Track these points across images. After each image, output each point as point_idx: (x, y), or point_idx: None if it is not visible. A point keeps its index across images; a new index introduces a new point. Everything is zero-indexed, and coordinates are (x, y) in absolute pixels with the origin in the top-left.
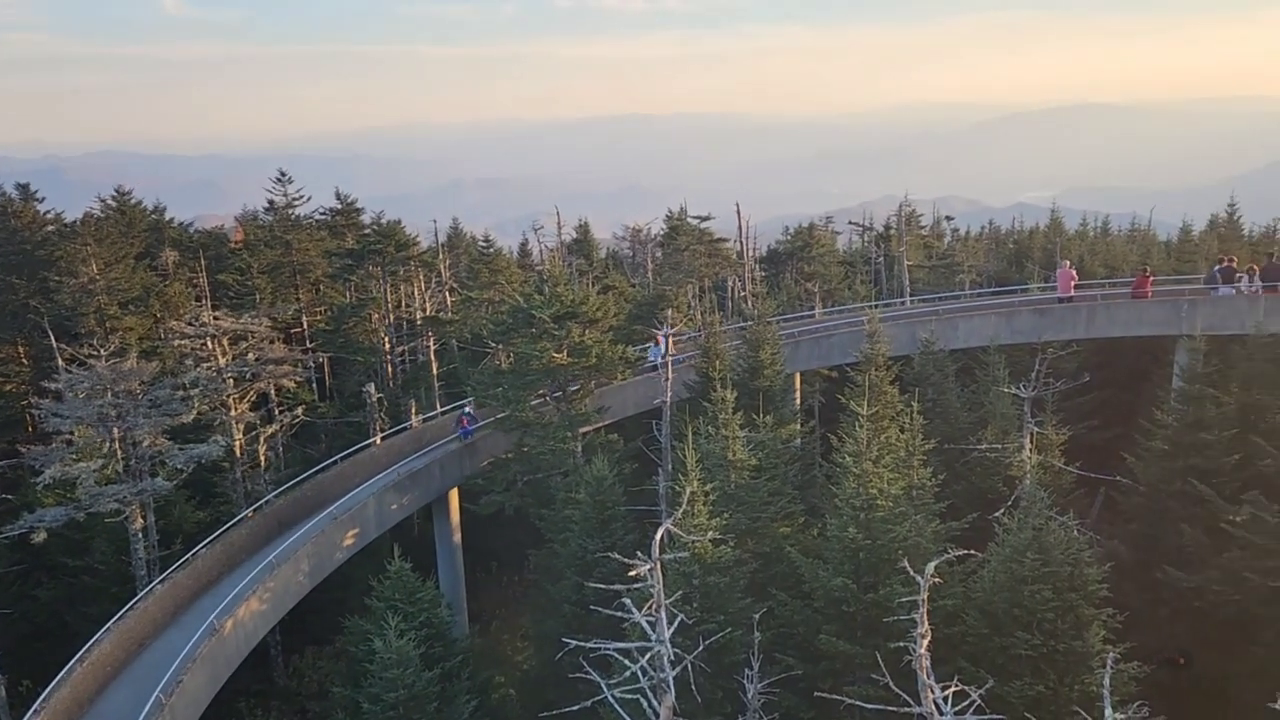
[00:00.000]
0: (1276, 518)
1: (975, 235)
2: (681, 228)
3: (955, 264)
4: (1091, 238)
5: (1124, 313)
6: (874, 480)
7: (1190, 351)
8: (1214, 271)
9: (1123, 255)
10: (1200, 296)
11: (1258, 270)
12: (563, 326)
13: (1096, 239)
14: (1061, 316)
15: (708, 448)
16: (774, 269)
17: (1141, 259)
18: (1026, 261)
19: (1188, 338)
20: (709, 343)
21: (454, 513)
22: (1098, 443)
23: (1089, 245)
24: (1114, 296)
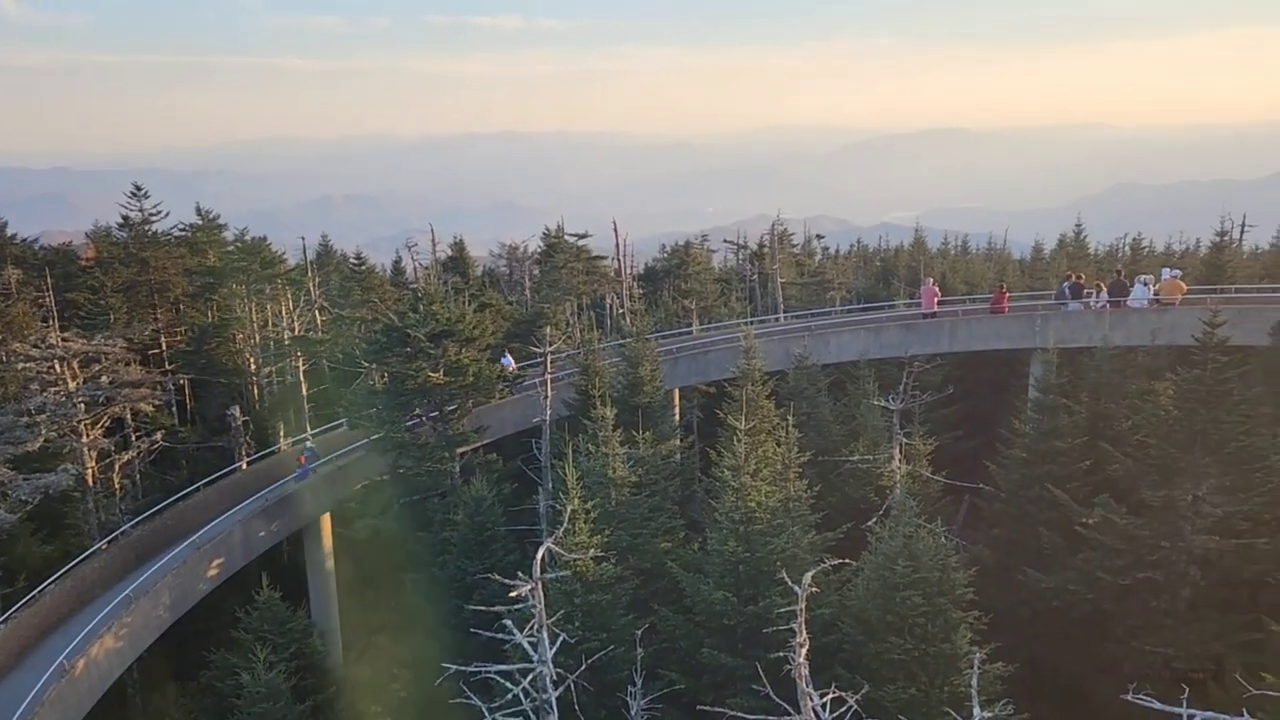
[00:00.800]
0: (1124, 519)
1: (844, 254)
2: (559, 245)
3: (826, 281)
4: (952, 256)
5: (983, 327)
6: (752, 493)
7: (1044, 363)
8: (1063, 288)
9: (981, 273)
10: (1052, 312)
11: (1103, 287)
12: (439, 345)
13: (957, 257)
14: (926, 331)
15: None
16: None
17: (998, 276)
18: (893, 279)
19: (1041, 350)
20: (588, 360)
21: (326, 538)
22: (962, 452)
23: (950, 263)
24: (974, 312)
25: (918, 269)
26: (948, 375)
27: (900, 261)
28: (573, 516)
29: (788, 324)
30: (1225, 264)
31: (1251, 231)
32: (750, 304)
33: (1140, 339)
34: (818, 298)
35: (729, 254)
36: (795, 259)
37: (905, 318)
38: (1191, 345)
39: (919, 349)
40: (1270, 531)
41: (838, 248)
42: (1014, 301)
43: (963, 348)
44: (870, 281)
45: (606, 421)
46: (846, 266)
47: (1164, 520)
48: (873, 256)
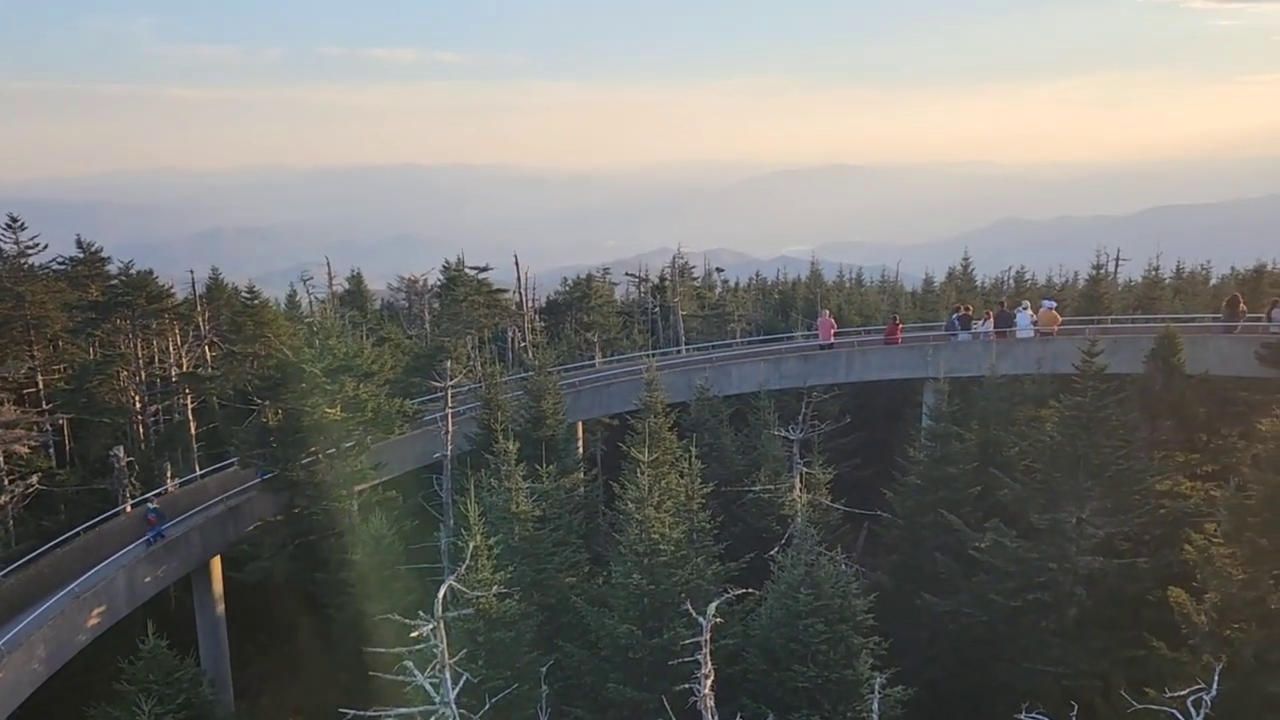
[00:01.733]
0: (1014, 542)
1: (744, 286)
2: (459, 279)
3: (726, 314)
4: (848, 289)
5: (878, 358)
6: (656, 525)
7: (936, 393)
8: (952, 319)
9: (875, 305)
10: (943, 342)
11: (990, 317)
12: (336, 380)
13: (852, 290)
14: (824, 362)
15: (491, 500)
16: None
17: (892, 308)
18: (791, 311)
19: (934, 380)
20: (490, 394)
21: (216, 582)
22: (860, 480)
23: (846, 296)
24: (869, 343)
25: (815, 301)
26: (845, 405)
27: (798, 294)
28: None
29: (690, 356)
30: (1101, 296)
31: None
32: (652, 336)
33: (1026, 368)
34: (719, 330)
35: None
36: (696, 292)
37: (803, 349)
38: (1073, 374)
39: (817, 379)
40: (1149, 551)
41: (737, 280)
42: (907, 332)
43: (859, 378)
44: (769, 314)
45: (509, 455)
46: (746, 299)
47: (1051, 542)
48: (771, 289)
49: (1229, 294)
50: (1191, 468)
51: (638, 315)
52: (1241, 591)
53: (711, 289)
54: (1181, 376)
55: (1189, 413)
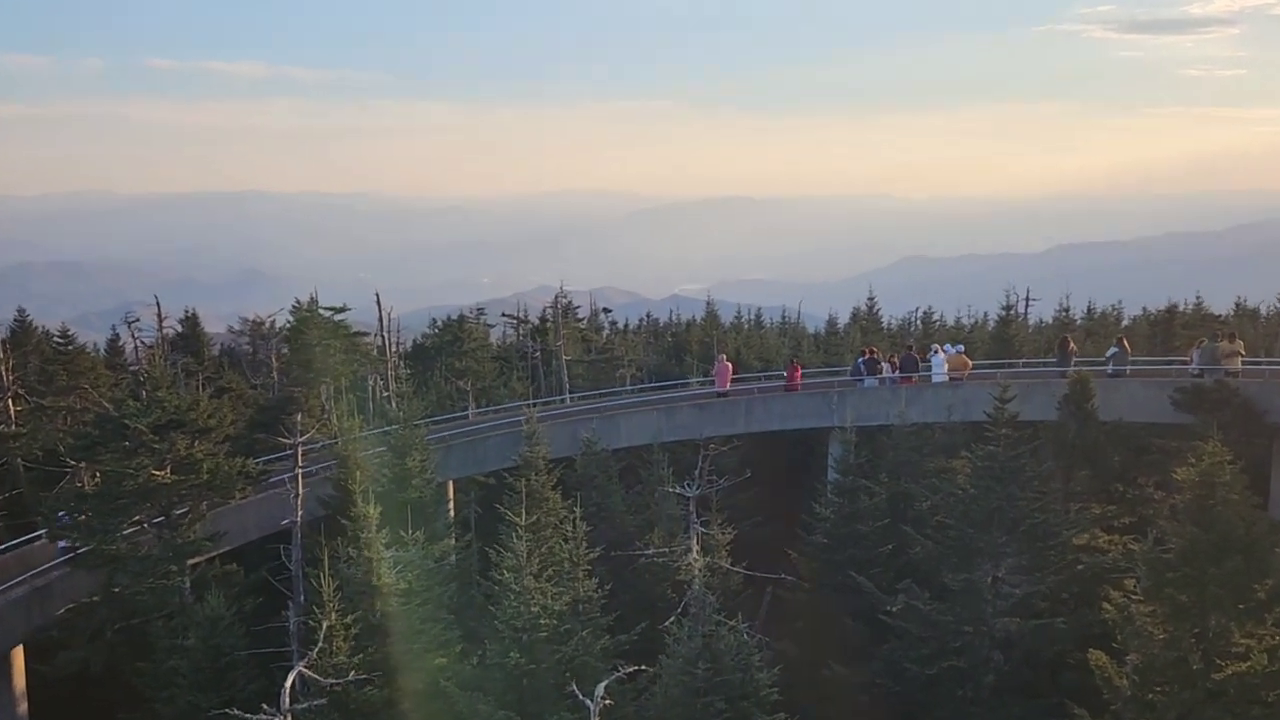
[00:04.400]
0: (928, 605)
1: (634, 328)
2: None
3: (615, 358)
4: (746, 331)
5: (779, 405)
6: (536, 596)
7: (842, 443)
8: (858, 363)
9: (776, 348)
10: (848, 389)
11: (895, 361)
12: (165, 438)
13: (751, 332)
14: (721, 411)
15: (348, 573)
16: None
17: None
18: (685, 355)
19: (839, 429)
20: (347, 451)
21: (18, 676)
22: (763, 540)
23: (744, 338)
24: (771, 389)
25: (711, 345)
26: (746, 458)
27: (693, 337)
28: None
29: (575, 405)
30: (1012, 338)
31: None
32: (533, 384)
33: (936, 415)
34: (607, 376)
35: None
36: (581, 334)
37: (699, 397)
38: (984, 421)
39: (714, 430)
40: (1068, 610)
41: (627, 322)
42: (810, 378)
43: (760, 428)
44: (662, 358)
45: (369, 521)
46: (637, 342)
47: (966, 604)
48: (664, 331)
49: (1060, 336)
50: (1108, 520)
51: (516, 361)
52: (1163, 652)
53: (598, 331)
54: (1096, 423)
55: (1104, 461)
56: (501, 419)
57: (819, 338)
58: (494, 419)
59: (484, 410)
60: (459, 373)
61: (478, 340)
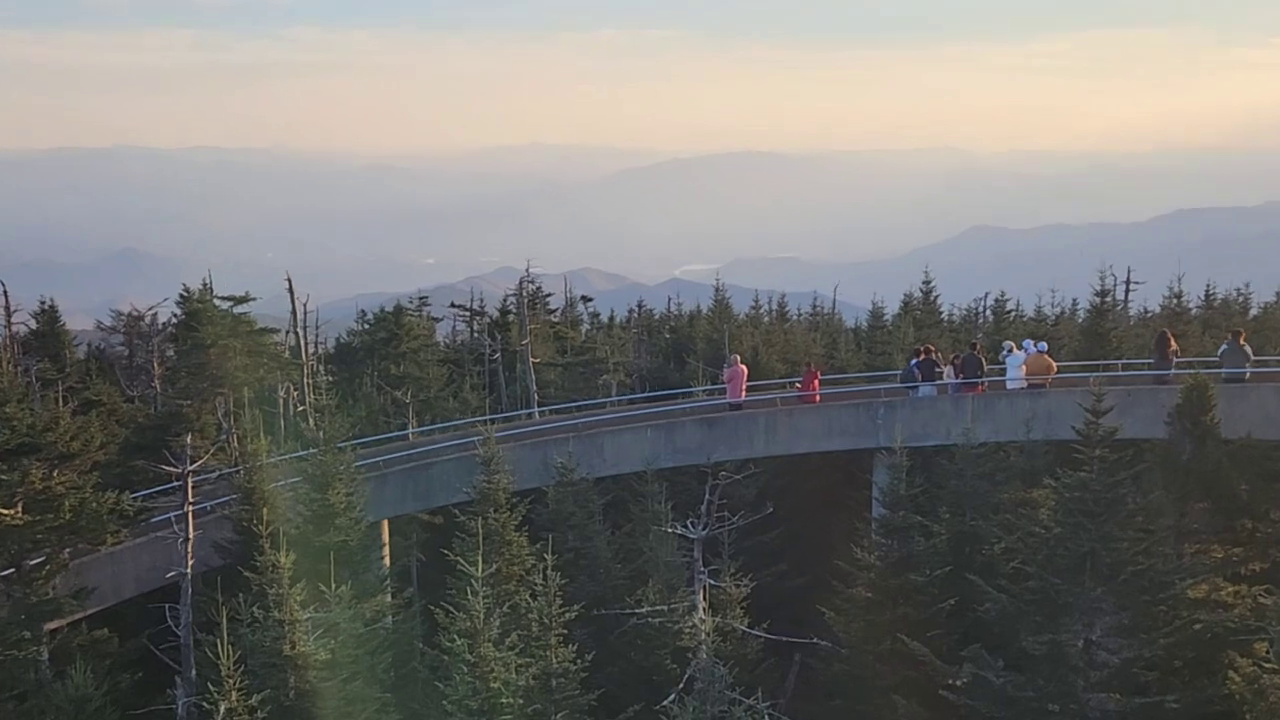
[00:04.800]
0: (1001, 677)
1: (622, 322)
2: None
3: (598, 361)
4: (766, 325)
5: (810, 421)
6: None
7: (890, 469)
8: (911, 366)
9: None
10: (898, 398)
11: (959, 363)
12: (15, 466)
13: (773, 326)
14: (735, 429)
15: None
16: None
17: (827, 351)
18: (689, 357)
19: (886, 451)
20: (253, 483)
21: None
22: (789, 593)
23: (764, 335)
24: (797, 400)
25: (721, 343)
26: (766, 489)
27: (698, 332)
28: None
29: (546, 422)
30: (1109, 332)
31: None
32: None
33: (1011, 432)
34: (587, 384)
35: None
36: (554, 330)
37: (706, 410)
38: (1073, 440)
39: (726, 453)
40: (1181, 682)
41: (613, 314)
42: (847, 385)
43: (784, 450)
44: (659, 361)
45: (282, 572)
46: (625, 340)
47: (1050, 675)
48: (660, 326)
49: (1158, 330)
50: (1233, 566)
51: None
52: None
53: (576, 326)
54: (1217, 442)
55: (1228, 491)
56: (451, 440)
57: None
58: (441, 440)
59: (429, 429)
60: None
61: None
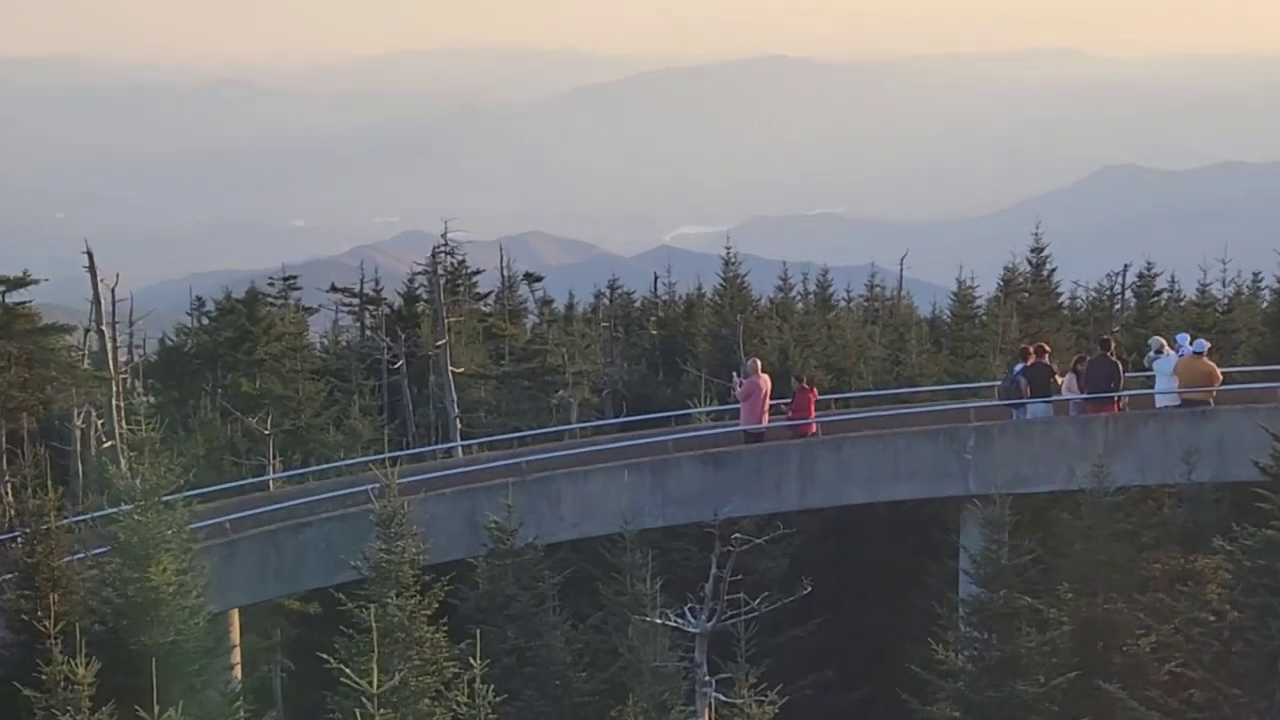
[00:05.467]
0: None
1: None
2: None
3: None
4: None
5: (867, 456)
6: None
7: (987, 528)
8: (1014, 375)
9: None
10: (996, 421)
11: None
12: None
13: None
14: (755, 469)
15: None
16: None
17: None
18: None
19: (979, 502)
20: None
21: None
22: (838, 714)
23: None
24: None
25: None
26: (802, 558)
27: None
28: None
29: (474, 461)
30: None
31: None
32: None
33: (1164, 472)
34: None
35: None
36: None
37: (712, 441)
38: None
39: (743, 505)
40: None
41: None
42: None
43: (828, 501)
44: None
45: (79, 690)
46: (592, 339)
47: None
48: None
49: None
50: None
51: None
52: None
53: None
54: None
55: None
56: (332, 490)
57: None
58: (318, 490)
59: (299, 473)
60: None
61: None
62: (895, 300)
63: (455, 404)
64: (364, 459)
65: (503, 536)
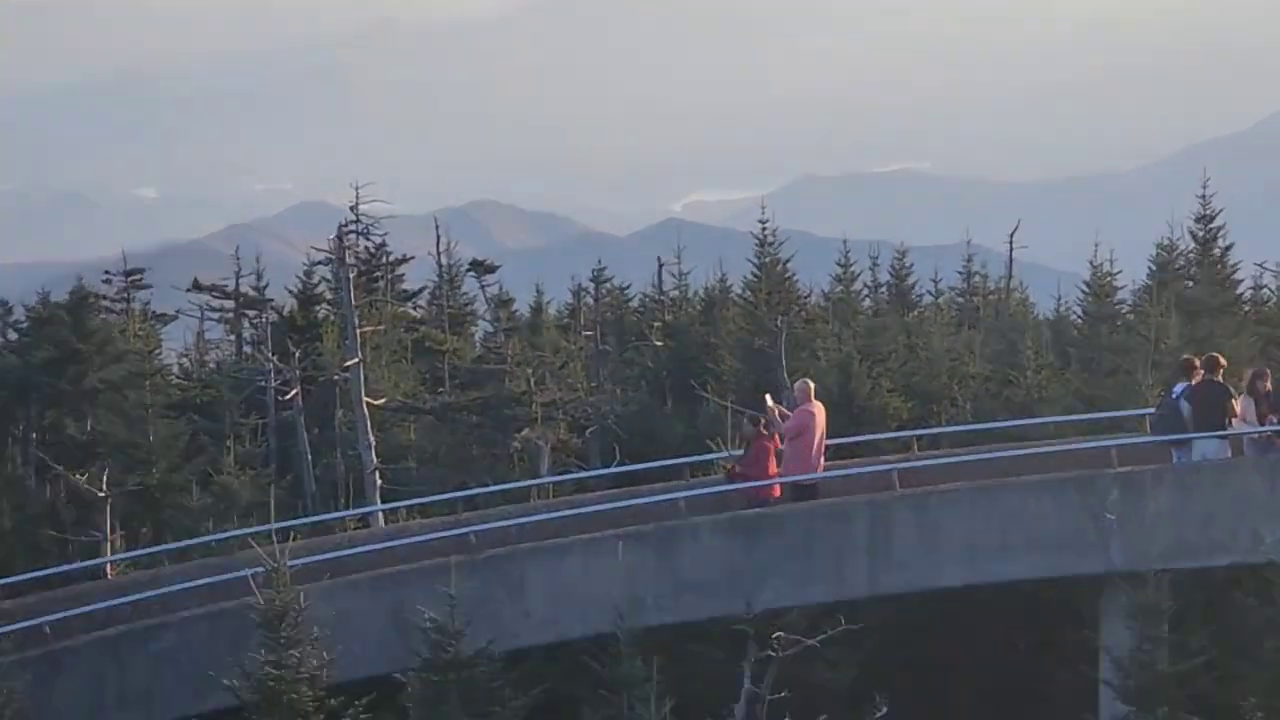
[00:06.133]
0: None
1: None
2: None
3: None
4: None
5: (964, 518)
6: None
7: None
8: (1173, 398)
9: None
10: (1148, 466)
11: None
12: None
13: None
14: (804, 538)
15: None
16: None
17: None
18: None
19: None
20: None
21: None
22: None
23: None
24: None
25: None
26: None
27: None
28: None
29: (401, 532)
30: None
31: None
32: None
33: None
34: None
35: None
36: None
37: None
38: None
39: (788, 593)
40: None
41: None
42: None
43: (911, 585)
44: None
45: None
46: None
47: None
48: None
49: None
50: None
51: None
52: None
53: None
54: None
55: None
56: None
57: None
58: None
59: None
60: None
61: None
62: (1003, 293)
63: (373, 450)
64: (243, 531)
65: (443, 641)
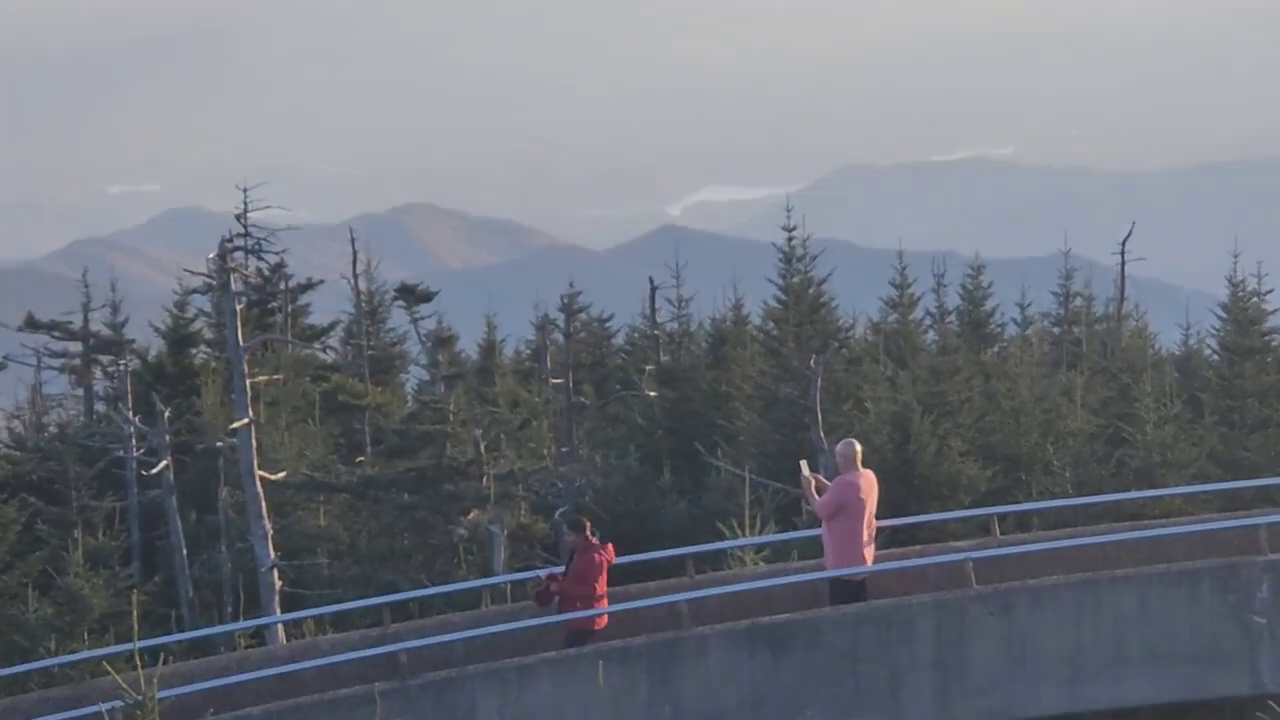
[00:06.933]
0: None
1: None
2: None
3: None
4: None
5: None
6: None
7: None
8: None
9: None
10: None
11: None
12: None
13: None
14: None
15: None
16: None
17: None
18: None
19: (1274, 707)
20: None
21: None
22: None
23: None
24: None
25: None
26: None
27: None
28: None
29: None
30: None
31: None
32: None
33: None
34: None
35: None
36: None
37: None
38: None
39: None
40: None
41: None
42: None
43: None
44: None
45: None
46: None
47: None
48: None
49: None
50: None
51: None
52: None
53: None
54: None
55: None
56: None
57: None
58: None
59: None
60: None
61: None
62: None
63: (270, 540)
64: (96, 652)
65: None
